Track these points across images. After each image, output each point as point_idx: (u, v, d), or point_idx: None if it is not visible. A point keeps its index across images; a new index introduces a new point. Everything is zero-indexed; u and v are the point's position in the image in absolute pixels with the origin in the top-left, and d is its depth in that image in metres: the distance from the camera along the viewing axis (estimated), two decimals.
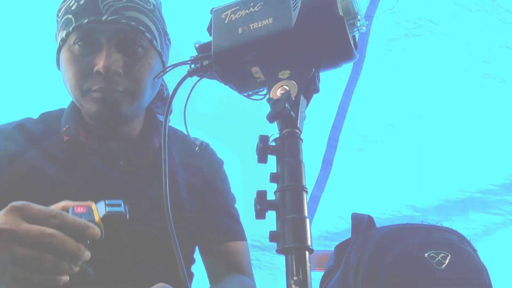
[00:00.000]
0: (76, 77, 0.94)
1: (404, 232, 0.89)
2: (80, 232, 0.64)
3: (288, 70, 0.63)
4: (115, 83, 0.93)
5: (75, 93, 0.96)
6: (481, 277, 0.85)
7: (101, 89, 0.93)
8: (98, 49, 0.94)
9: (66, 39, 0.96)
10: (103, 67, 0.91)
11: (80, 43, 0.94)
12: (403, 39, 2.27)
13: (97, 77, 0.93)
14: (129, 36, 0.95)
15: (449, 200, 2.22)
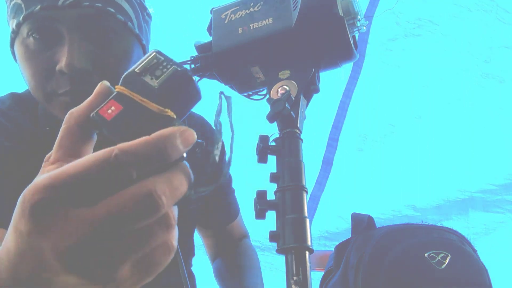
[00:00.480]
0: (36, 78, 0.77)
1: (404, 232, 0.89)
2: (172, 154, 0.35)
3: (288, 70, 0.63)
4: (84, 84, 0.75)
5: (37, 96, 0.79)
6: (481, 277, 0.85)
7: (68, 92, 0.75)
8: (59, 41, 0.76)
9: (18, 30, 0.77)
10: (67, 65, 0.73)
11: (35, 35, 0.76)
12: (403, 39, 2.27)
13: (61, 77, 0.75)
14: (96, 22, 0.77)
15: (449, 200, 2.22)
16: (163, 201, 0.34)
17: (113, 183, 0.33)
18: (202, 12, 0.76)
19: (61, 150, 0.38)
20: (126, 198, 0.33)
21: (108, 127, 0.38)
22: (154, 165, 0.34)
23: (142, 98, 0.39)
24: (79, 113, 0.39)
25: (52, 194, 0.33)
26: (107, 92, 0.40)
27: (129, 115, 0.39)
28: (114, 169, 0.33)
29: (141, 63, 0.41)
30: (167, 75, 0.40)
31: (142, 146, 0.34)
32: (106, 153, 0.33)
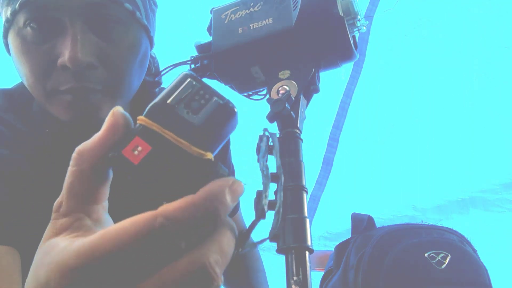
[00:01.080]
0: (35, 74, 0.68)
1: (404, 232, 0.89)
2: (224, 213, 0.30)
3: (288, 70, 0.63)
4: (89, 80, 0.68)
5: (36, 94, 0.71)
6: (481, 277, 0.85)
7: (72, 89, 0.68)
8: (60, 32, 0.67)
9: (13, 19, 0.68)
10: (70, 59, 0.65)
11: (33, 24, 0.67)
12: (404, 38, 2.27)
13: (63, 72, 0.67)
14: (102, 10, 0.68)
15: (450, 199, 2.22)
16: (217, 273, 0.29)
17: (158, 257, 0.28)
18: (202, 12, 0.76)
19: (74, 199, 0.32)
20: (176, 275, 0.28)
21: (135, 173, 0.31)
22: (204, 230, 0.29)
23: (177, 138, 0.31)
24: (91, 154, 0.31)
25: (83, 277, 0.27)
26: (123, 123, 0.32)
27: (160, 158, 0.31)
28: (160, 241, 0.27)
29: (173, 91, 0.33)
30: (209, 109, 0.32)
31: (190, 209, 0.28)
32: (148, 221, 0.27)
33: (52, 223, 0.32)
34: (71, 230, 0.31)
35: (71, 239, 0.30)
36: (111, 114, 0.32)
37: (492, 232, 2.13)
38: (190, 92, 0.32)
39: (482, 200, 2.20)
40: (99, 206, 0.33)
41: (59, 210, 0.32)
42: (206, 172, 0.31)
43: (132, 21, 0.73)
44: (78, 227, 0.31)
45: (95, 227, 0.32)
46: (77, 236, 0.30)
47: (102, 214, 0.33)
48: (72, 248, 0.28)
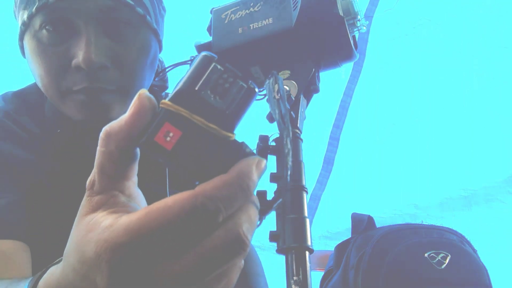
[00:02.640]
0: (50, 75, 0.72)
1: (404, 232, 0.89)
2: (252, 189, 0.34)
3: (288, 70, 0.64)
4: (102, 80, 0.71)
5: (50, 94, 0.74)
6: (481, 277, 0.85)
7: (85, 89, 0.71)
8: (74, 34, 0.71)
9: (29, 22, 0.72)
10: (84, 60, 0.68)
11: (49, 27, 0.70)
12: (404, 38, 2.27)
13: (77, 73, 0.70)
14: (115, 14, 0.72)
15: (452, 198, 2.22)
16: (248, 239, 0.33)
17: (199, 230, 0.31)
18: (202, 12, 0.76)
19: (105, 178, 0.34)
20: (216, 245, 0.31)
21: (168, 157, 0.32)
22: (237, 205, 0.32)
23: (206, 123, 0.33)
24: (118, 136, 0.33)
25: (133, 253, 0.30)
26: (151, 108, 0.33)
27: (192, 142, 0.33)
28: (201, 217, 0.30)
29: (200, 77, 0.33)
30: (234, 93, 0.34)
31: (226, 188, 0.31)
32: (190, 200, 0.30)
33: (87, 200, 0.34)
34: (108, 206, 0.33)
35: (110, 215, 0.32)
36: (137, 97, 0.33)
37: (495, 229, 2.13)
38: (215, 77, 0.33)
39: (485, 197, 2.20)
40: (130, 182, 0.35)
41: (93, 188, 0.34)
42: (234, 152, 0.34)
43: (142, 24, 0.76)
44: (114, 203, 0.34)
45: (129, 202, 0.34)
46: (115, 212, 0.33)
47: (133, 189, 0.36)
48: (119, 225, 0.31)
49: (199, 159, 0.33)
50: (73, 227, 0.34)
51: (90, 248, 0.31)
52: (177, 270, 0.31)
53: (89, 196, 0.34)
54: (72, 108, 0.73)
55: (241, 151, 0.34)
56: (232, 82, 0.34)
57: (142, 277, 0.30)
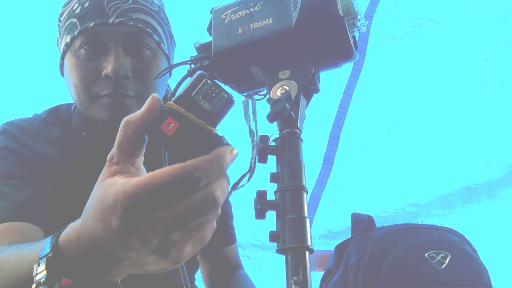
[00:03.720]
0: (83, 82, 0.91)
1: (404, 232, 0.89)
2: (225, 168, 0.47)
3: (288, 70, 0.63)
4: (124, 88, 0.90)
5: (82, 99, 0.93)
6: (481, 277, 0.85)
7: (111, 94, 0.90)
8: (105, 52, 0.91)
9: (71, 43, 0.93)
10: (112, 71, 0.88)
11: (86, 47, 0.91)
12: (404, 37, 2.27)
13: (105, 81, 0.90)
14: (137, 39, 0.93)
15: (452, 196, 2.21)
16: (220, 202, 0.45)
17: (185, 191, 0.43)
18: (202, 12, 0.76)
19: (123, 153, 0.47)
20: (196, 201, 0.44)
21: (168, 142, 0.46)
22: (215, 178, 0.45)
23: (197, 119, 0.46)
24: (136, 123, 0.47)
25: (140, 201, 0.42)
26: (159, 106, 0.47)
27: (186, 132, 0.46)
28: (189, 182, 0.43)
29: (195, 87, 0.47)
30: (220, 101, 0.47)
31: (207, 163, 0.44)
32: (182, 169, 0.43)
33: (107, 169, 0.47)
34: (122, 173, 0.46)
35: (124, 177, 0.45)
36: (150, 98, 0.47)
37: (496, 228, 2.13)
38: (206, 88, 0.47)
39: (486, 195, 2.20)
40: (138, 159, 0.49)
41: (112, 160, 0.47)
42: (215, 142, 0.47)
43: (158, 49, 0.97)
44: (127, 172, 0.47)
45: (137, 172, 0.48)
46: (128, 177, 0.45)
47: (140, 165, 0.49)
48: (131, 182, 0.43)
49: (190, 144, 0.46)
50: (94, 189, 0.47)
51: (109, 197, 0.44)
52: (168, 216, 0.43)
53: (109, 166, 0.47)
54: (99, 110, 0.92)
55: (220, 141, 0.47)
56: (218, 93, 0.47)
57: (144, 219, 0.43)
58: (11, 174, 0.91)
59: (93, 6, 0.92)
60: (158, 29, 0.97)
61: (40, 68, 1.86)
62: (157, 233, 0.43)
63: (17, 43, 1.95)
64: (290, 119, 0.60)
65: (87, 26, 0.90)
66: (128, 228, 0.43)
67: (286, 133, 0.60)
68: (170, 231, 0.44)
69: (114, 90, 0.90)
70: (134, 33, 0.92)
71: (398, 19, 2.24)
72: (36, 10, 1.93)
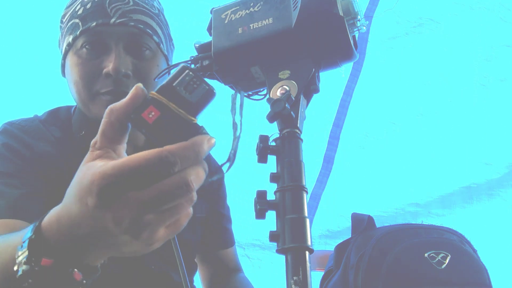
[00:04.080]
0: (84, 80, 0.93)
1: (404, 232, 0.89)
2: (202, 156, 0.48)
3: (288, 70, 0.64)
4: (124, 86, 0.92)
5: (83, 96, 0.94)
6: (481, 277, 0.85)
7: (111, 92, 0.91)
8: (106, 51, 0.93)
9: (73, 43, 0.95)
10: (113, 69, 0.90)
11: (88, 46, 0.93)
12: (404, 37, 2.27)
13: (106, 79, 0.92)
14: (138, 39, 0.95)
15: (452, 196, 2.21)
16: (194, 187, 0.46)
17: (161, 174, 0.45)
18: (202, 12, 0.76)
19: (105, 139, 0.49)
20: (170, 184, 0.45)
21: (149, 129, 0.47)
22: (190, 164, 0.46)
23: (178, 108, 0.47)
24: (119, 111, 0.48)
25: (116, 181, 0.44)
26: (142, 95, 0.48)
27: (166, 120, 0.47)
28: (164, 166, 0.45)
29: (176, 78, 0.48)
30: (201, 92, 0.49)
31: (183, 149, 0.46)
32: (157, 153, 0.45)
33: (90, 153, 0.49)
34: (103, 158, 0.48)
35: (104, 161, 0.47)
36: (135, 87, 0.48)
37: (496, 227, 2.13)
38: (188, 79, 0.48)
39: (486, 195, 2.20)
40: (121, 146, 0.50)
41: (95, 146, 0.49)
42: (194, 131, 0.48)
43: (157, 49, 0.99)
44: (108, 157, 0.48)
45: (118, 158, 0.49)
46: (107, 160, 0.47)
47: (122, 152, 0.51)
48: (109, 164, 0.45)
49: (169, 132, 0.47)
50: (77, 172, 0.49)
51: (87, 178, 0.45)
52: (141, 197, 0.44)
53: (91, 151, 0.49)
54: (99, 107, 0.92)
55: (199, 131, 0.48)
56: (199, 84, 0.48)
57: (118, 199, 0.44)
58: (9, 172, 0.91)
59: (95, 7, 0.94)
60: (158, 31, 0.99)
61: (40, 68, 1.86)
62: (130, 213, 0.45)
63: (17, 43, 1.94)
64: (290, 119, 0.60)
65: (89, 26, 0.93)
66: (103, 207, 0.45)
67: (286, 133, 0.60)
68: (143, 212, 0.45)
69: (115, 87, 0.91)
70: (135, 33, 0.94)
71: (398, 19, 2.24)
72: (36, 10, 1.93)
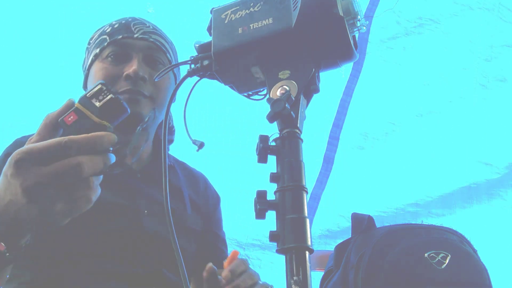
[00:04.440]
0: (106, 80, 1.01)
1: (404, 232, 0.89)
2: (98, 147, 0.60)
3: (288, 70, 0.64)
4: (141, 87, 1.06)
5: None
6: (481, 277, 0.85)
7: (128, 90, 1.05)
8: (128, 60, 1.09)
9: (100, 53, 1.11)
10: (133, 71, 1.05)
11: (113, 56, 1.09)
12: (404, 37, 2.27)
13: (125, 81, 1.06)
14: (154, 53, 1.12)
15: (452, 196, 2.21)
16: (86, 170, 0.58)
17: (60, 155, 0.58)
18: (202, 12, 0.76)
19: (39, 136, 0.63)
20: (65, 163, 0.57)
21: (67, 129, 0.62)
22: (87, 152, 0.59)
23: (89, 113, 0.62)
24: (52, 116, 0.63)
25: (26, 156, 0.57)
26: (71, 105, 0.63)
27: (81, 122, 0.62)
28: (61, 149, 0.58)
29: (91, 90, 0.63)
30: (106, 100, 0.63)
31: (82, 138, 0.59)
32: (59, 139, 0.58)
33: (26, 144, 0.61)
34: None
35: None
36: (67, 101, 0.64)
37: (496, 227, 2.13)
38: (99, 91, 0.63)
39: (486, 194, 2.20)
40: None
41: (31, 141, 0.62)
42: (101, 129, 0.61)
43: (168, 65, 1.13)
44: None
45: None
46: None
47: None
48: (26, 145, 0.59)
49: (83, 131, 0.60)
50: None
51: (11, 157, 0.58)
52: (43, 170, 0.57)
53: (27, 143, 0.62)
54: None
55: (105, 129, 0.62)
56: (107, 94, 0.63)
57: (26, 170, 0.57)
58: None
59: (122, 26, 1.13)
60: (170, 53, 1.16)
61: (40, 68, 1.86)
62: (33, 181, 0.57)
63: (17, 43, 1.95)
64: (290, 119, 0.60)
65: (116, 38, 1.10)
66: (15, 175, 0.58)
67: (286, 133, 0.60)
68: (44, 182, 0.57)
69: (132, 87, 1.06)
70: (153, 48, 1.12)
71: (398, 19, 2.24)
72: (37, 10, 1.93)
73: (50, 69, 1.69)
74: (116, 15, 1.21)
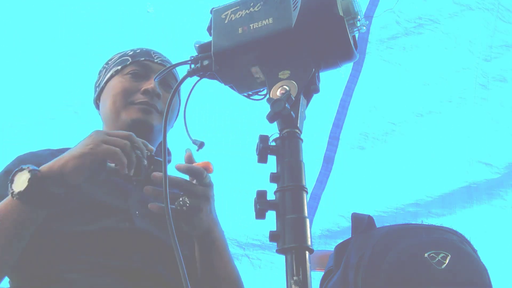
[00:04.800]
0: (124, 93, 1.20)
1: (404, 232, 0.89)
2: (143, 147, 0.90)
3: (288, 70, 0.64)
4: (156, 102, 1.20)
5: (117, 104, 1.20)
6: (481, 277, 0.85)
7: (145, 102, 1.19)
8: (144, 79, 1.23)
9: (121, 69, 1.25)
10: (151, 87, 1.19)
11: (133, 73, 1.23)
12: (404, 37, 2.27)
13: (142, 94, 1.20)
14: (168, 78, 1.27)
15: (452, 196, 2.21)
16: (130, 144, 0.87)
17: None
18: (202, 12, 0.76)
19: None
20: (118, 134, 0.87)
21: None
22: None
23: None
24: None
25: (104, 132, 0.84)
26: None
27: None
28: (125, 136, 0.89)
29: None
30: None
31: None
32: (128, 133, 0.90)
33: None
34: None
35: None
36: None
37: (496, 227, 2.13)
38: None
39: (486, 194, 2.19)
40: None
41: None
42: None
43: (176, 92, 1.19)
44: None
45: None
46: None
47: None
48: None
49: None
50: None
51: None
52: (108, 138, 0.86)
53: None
54: (132, 111, 1.19)
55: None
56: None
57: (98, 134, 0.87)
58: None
59: (143, 51, 1.29)
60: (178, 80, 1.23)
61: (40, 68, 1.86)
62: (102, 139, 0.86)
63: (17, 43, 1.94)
64: (290, 119, 0.60)
65: (139, 59, 1.26)
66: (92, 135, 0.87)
67: (286, 133, 0.60)
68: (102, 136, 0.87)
69: (149, 100, 1.19)
70: (168, 73, 1.25)
71: (398, 19, 2.24)
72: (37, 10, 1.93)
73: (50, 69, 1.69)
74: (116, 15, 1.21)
